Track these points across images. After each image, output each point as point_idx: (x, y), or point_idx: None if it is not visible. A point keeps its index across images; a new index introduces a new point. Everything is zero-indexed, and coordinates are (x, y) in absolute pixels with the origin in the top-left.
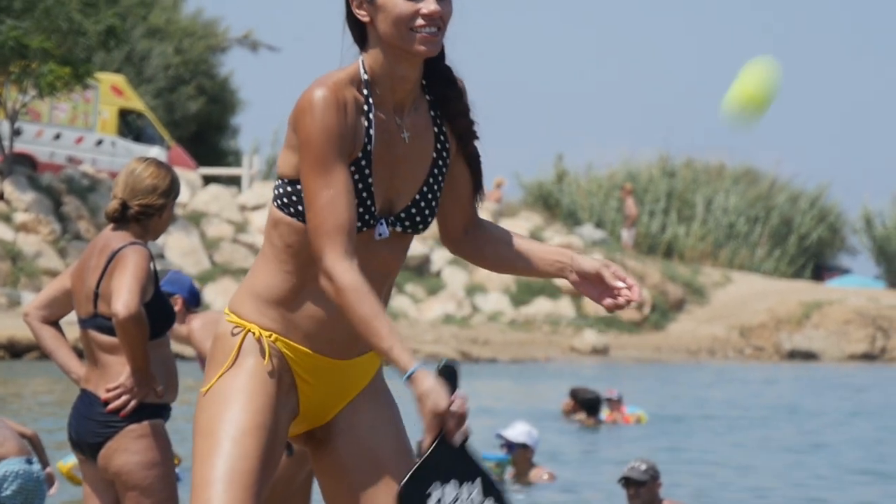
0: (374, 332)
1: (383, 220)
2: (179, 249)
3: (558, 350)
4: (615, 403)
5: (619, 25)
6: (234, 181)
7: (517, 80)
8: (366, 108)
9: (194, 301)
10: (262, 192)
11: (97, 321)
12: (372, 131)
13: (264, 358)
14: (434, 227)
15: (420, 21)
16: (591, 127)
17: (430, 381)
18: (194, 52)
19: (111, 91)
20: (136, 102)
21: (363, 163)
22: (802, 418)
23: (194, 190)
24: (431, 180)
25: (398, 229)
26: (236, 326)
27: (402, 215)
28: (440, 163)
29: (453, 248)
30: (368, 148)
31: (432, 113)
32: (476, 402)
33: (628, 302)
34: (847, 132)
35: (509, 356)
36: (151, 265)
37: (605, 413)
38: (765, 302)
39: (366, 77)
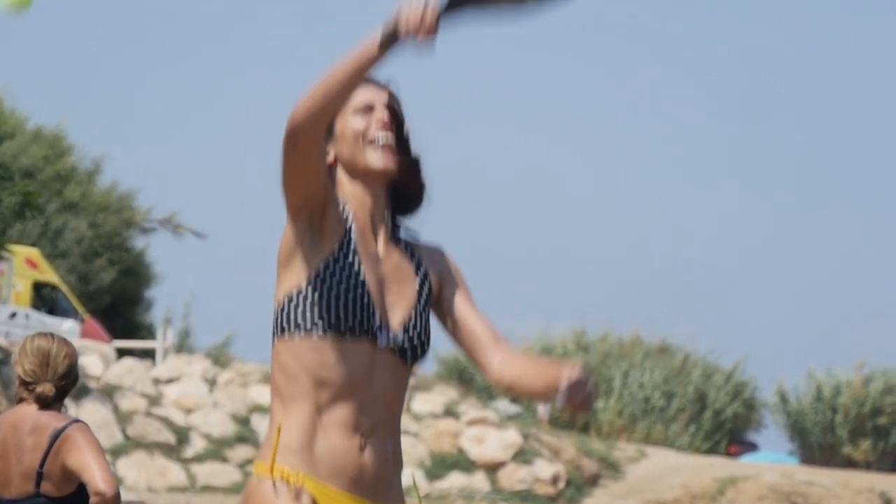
0: (343, 61)
1: (387, 330)
2: (92, 423)
3: None
4: None
5: (535, 197)
6: (148, 354)
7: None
8: (343, 212)
9: None
10: (176, 365)
11: (38, 500)
12: (352, 225)
13: (295, 498)
14: None
15: (373, 132)
16: (505, 298)
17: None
18: (108, 226)
19: (25, 264)
20: (50, 275)
21: (351, 246)
22: None
23: (108, 363)
24: (420, 309)
25: (398, 345)
26: (263, 474)
27: (400, 338)
28: (425, 292)
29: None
30: (351, 236)
31: (407, 250)
32: None
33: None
34: (763, 307)
35: None
36: None
37: None
38: (679, 477)
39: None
